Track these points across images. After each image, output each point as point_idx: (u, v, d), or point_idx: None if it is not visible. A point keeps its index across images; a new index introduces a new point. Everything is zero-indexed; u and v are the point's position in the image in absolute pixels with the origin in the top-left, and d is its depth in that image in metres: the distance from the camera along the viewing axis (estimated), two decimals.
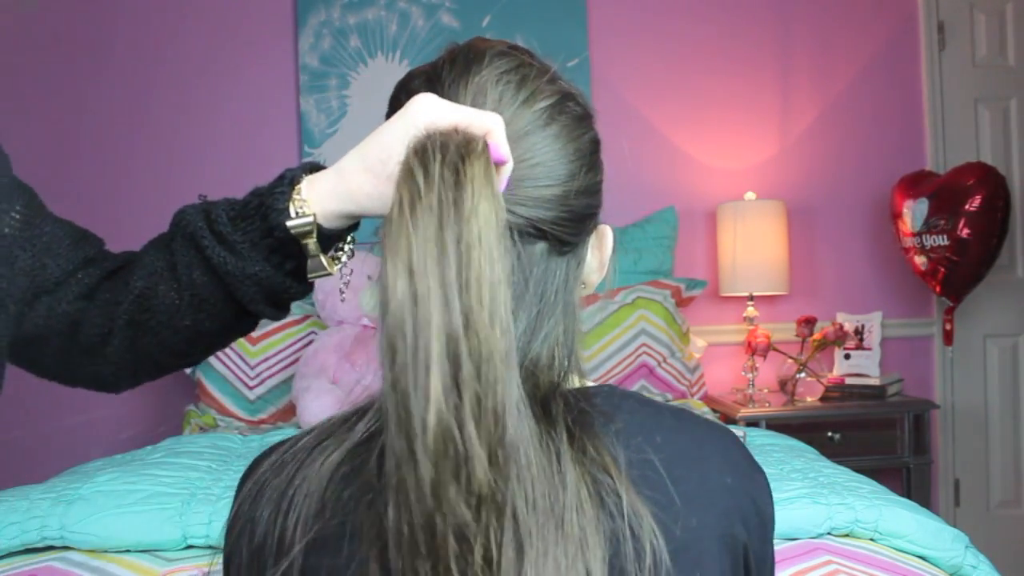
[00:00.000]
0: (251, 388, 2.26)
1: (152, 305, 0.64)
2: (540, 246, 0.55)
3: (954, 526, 1.21)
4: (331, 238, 0.60)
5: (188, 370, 2.34)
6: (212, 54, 2.62)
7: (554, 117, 0.55)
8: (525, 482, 0.42)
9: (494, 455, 0.39)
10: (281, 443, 0.54)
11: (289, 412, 2.24)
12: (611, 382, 2.27)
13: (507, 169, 0.50)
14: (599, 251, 0.62)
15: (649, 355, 2.30)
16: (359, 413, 0.51)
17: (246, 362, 2.27)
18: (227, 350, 2.27)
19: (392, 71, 2.62)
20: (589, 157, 0.57)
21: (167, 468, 1.43)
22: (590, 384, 0.58)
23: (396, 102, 0.58)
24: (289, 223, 0.57)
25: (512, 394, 0.40)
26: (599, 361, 2.27)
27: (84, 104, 2.58)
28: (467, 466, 0.38)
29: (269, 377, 2.26)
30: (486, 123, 0.49)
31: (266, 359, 2.27)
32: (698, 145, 2.72)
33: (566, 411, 0.49)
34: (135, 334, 0.65)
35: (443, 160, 0.42)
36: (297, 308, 2.35)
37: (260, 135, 2.63)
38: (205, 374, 2.29)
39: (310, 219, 0.57)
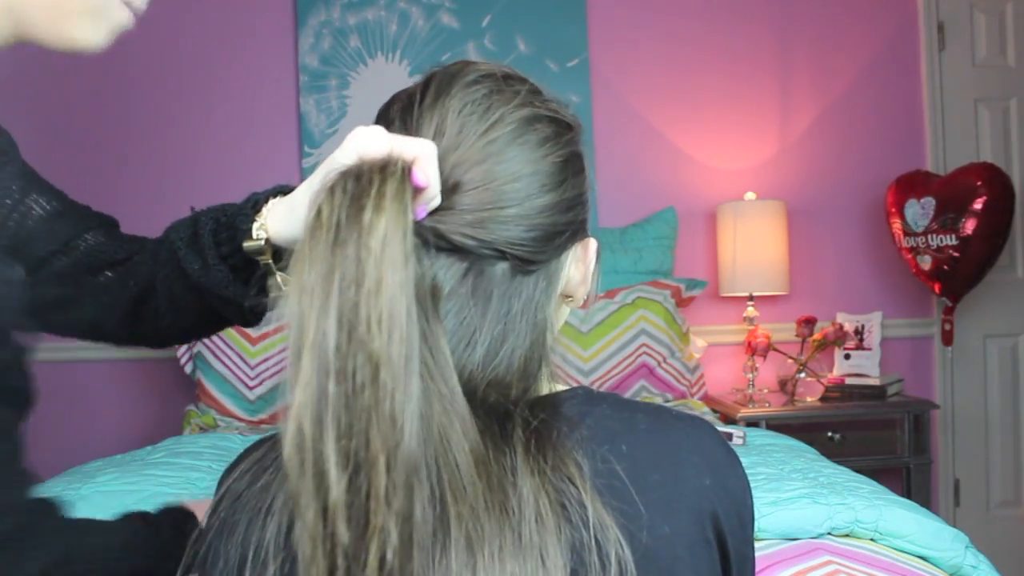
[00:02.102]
0: (251, 388, 2.26)
1: (146, 301, 0.75)
2: (500, 267, 0.54)
3: (954, 526, 1.21)
4: None
5: (188, 370, 2.36)
6: (212, 54, 2.62)
7: (511, 143, 0.55)
8: (458, 490, 0.44)
9: (391, 462, 0.39)
10: (259, 444, 0.54)
11: None
12: (611, 382, 2.28)
13: (428, 195, 0.51)
14: (583, 263, 0.62)
15: (649, 355, 2.30)
16: None
17: (246, 362, 2.27)
18: (227, 350, 2.28)
19: (392, 71, 2.62)
20: (554, 176, 0.56)
21: (167, 468, 1.44)
22: (562, 388, 0.58)
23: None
24: (245, 244, 0.64)
25: (412, 401, 0.41)
26: (599, 361, 2.27)
27: (82, 105, 2.58)
28: (324, 481, 0.39)
29: (269, 377, 2.26)
30: (415, 150, 0.50)
31: (266, 359, 2.27)
32: (698, 145, 2.72)
33: (523, 422, 0.50)
34: (132, 323, 0.79)
35: (355, 183, 0.44)
36: None
37: (260, 135, 2.62)
38: (205, 374, 2.29)
39: (261, 243, 0.63)
